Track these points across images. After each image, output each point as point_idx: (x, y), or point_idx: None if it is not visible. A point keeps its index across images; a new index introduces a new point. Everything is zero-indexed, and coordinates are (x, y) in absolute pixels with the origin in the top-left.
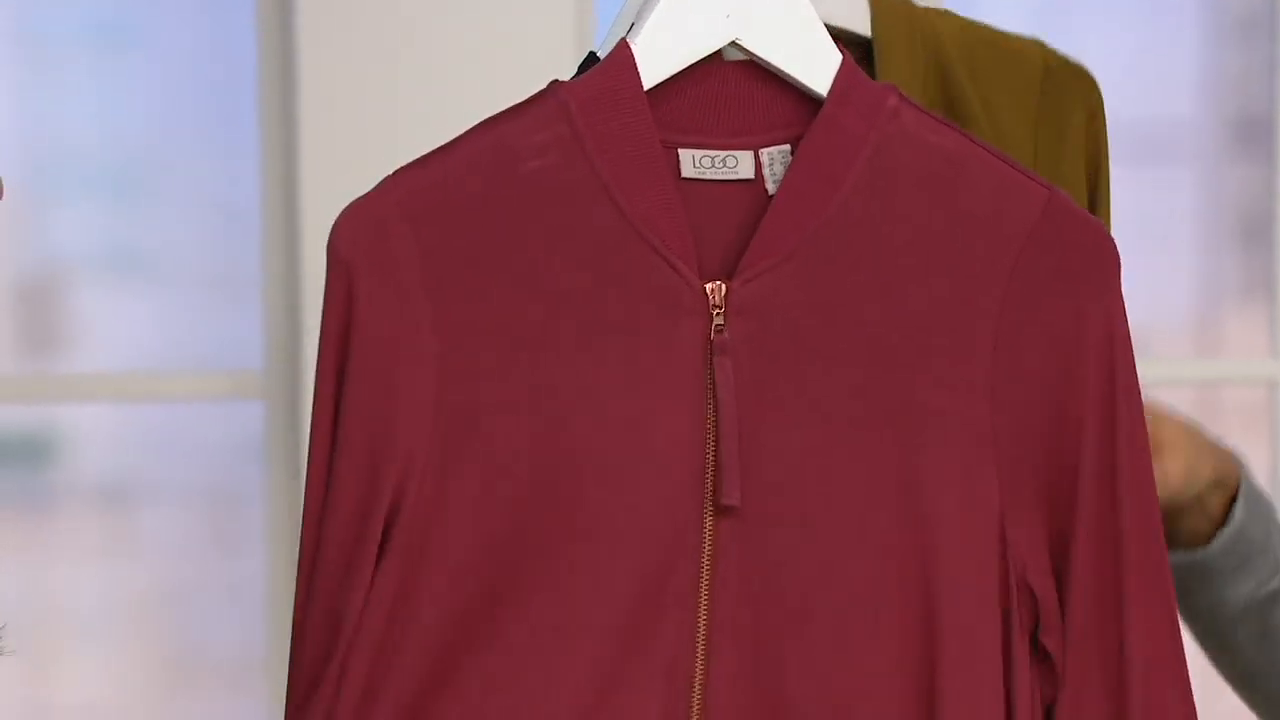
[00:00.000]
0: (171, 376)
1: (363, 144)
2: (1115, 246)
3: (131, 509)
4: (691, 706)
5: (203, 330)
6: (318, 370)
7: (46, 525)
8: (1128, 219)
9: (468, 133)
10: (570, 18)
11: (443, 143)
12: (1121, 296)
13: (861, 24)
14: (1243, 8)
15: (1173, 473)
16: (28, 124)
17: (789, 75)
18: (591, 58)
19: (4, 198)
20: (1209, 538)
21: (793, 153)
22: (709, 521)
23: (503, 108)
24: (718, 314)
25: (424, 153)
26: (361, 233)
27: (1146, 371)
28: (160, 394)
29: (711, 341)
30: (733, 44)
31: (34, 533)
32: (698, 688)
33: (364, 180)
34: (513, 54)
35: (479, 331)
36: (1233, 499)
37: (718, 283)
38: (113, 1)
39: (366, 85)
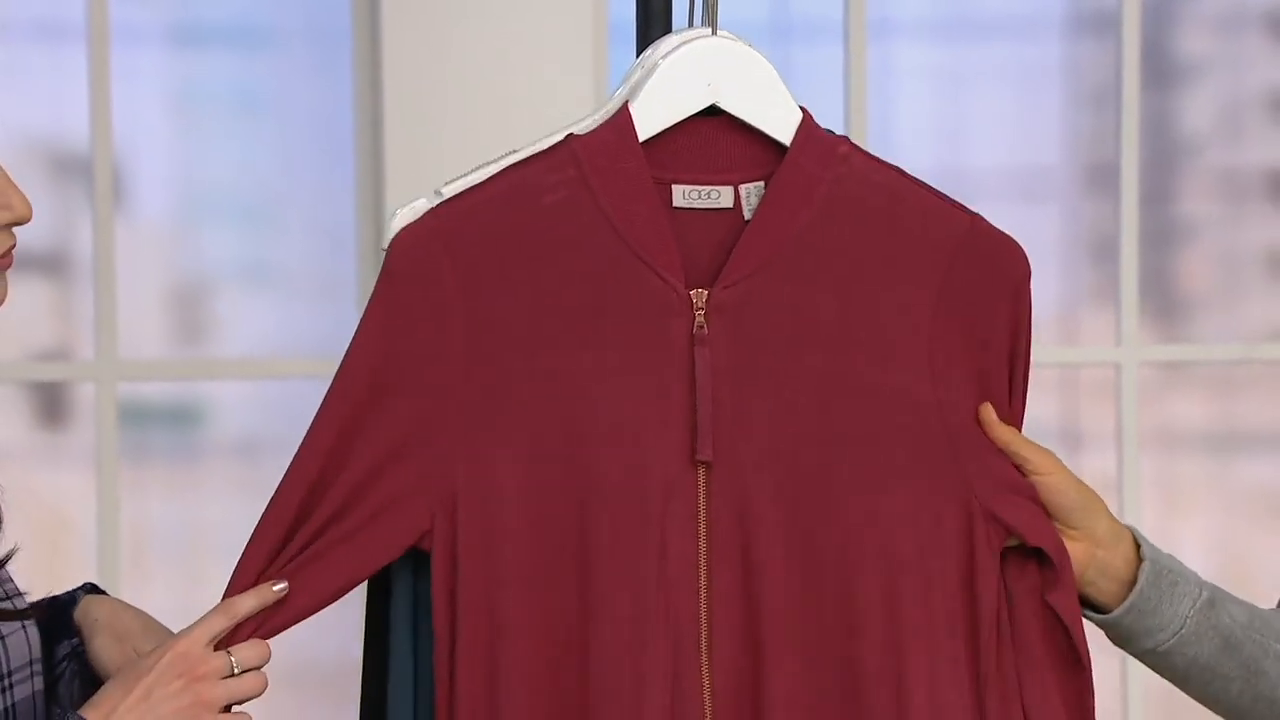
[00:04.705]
0: (288, 359)
1: (436, 182)
2: (1025, 259)
3: (260, 461)
4: (700, 611)
5: (311, 324)
6: (354, 344)
7: (196, 473)
8: None
9: (498, 173)
10: (589, 92)
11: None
12: (1029, 295)
13: None
14: (1095, 81)
15: (1078, 555)
16: (184, 168)
17: (759, 128)
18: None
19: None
20: (1120, 598)
21: (765, 188)
22: (701, 472)
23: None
24: (700, 314)
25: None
26: (411, 247)
27: None
28: (280, 372)
29: (694, 335)
30: (713, 105)
31: (187, 478)
32: (703, 597)
33: None
34: (553, 111)
35: (504, 327)
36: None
37: (700, 290)
38: (246, 75)
39: (440, 140)
